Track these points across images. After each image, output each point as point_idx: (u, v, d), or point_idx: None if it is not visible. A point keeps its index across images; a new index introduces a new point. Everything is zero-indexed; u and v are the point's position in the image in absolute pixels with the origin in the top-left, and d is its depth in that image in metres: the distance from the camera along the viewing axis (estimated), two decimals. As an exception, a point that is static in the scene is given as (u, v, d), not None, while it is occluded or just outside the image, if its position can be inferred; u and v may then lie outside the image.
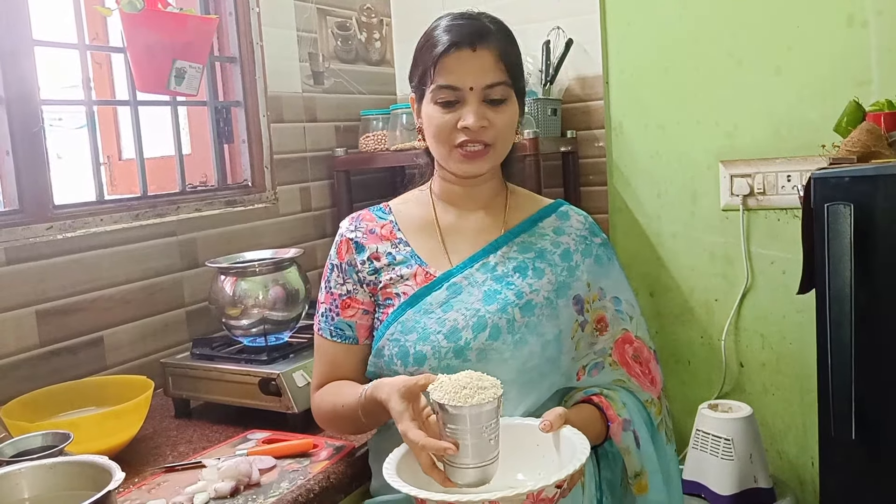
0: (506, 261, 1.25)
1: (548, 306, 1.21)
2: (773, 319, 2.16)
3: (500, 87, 1.20)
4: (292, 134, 2.18)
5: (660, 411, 1.27)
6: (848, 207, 1.47)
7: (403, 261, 1.27)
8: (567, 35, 2.21)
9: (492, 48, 1.19)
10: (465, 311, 1.20)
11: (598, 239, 1.33)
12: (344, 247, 1.30)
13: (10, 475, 1.01)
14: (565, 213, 1.34)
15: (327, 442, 1.39)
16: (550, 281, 1.23)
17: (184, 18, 1.75)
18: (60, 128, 2.69)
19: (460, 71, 1.18)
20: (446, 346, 1.18)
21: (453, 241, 1.28)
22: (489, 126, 1.20)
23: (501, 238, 1.27)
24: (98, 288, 1.67)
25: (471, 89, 1.18)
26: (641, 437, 1.22)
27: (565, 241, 1.29)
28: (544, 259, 1.25)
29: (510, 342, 1.18)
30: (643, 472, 1.21)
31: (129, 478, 1.28)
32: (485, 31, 1.20)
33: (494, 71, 1.19)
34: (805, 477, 2.19)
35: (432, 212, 1.31)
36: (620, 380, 1.26)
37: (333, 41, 2.33)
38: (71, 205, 1.67)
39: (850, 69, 1.98)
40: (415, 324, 1.20)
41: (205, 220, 1.91)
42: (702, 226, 2.23)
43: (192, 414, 1.61)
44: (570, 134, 2.29)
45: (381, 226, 1.31)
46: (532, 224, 1.30)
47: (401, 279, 1.25)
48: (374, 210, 1.35)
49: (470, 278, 1.23)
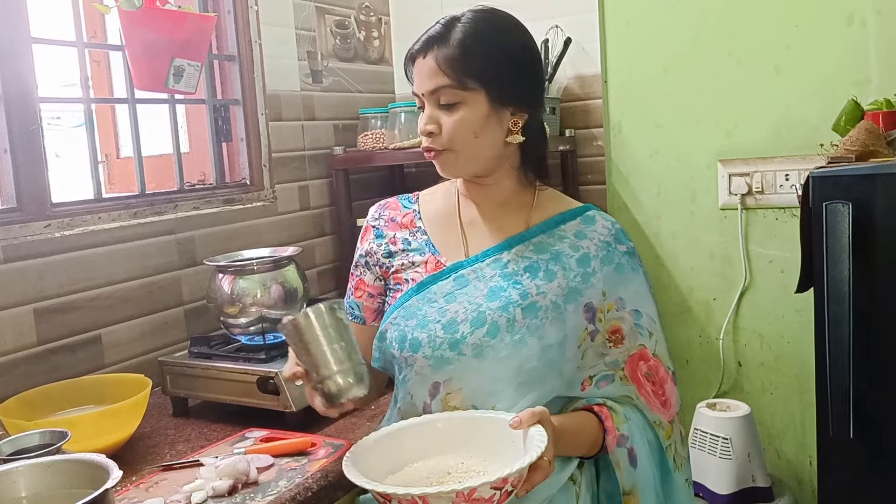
0: (519, 259, 1.23)
1: (554, 310, 1.19)
2: (772, 318, 2.17)
3: (445, 91, 1.18)
4: (291, 132, 2.18)
5: (669, 435, 1.23)
6: (846, 206, 1.46)
7: (418, 248, 1.29)
8: (566, 34, 2.21)
9: (436, 54, 1.18)
10: (467, 305, 1.20)
11: (624, 247, 1.27)
12: (366, 234, 1.35)
13: (7, 473, 1.00)
14: (591, 218, 1.29)
15: (325, 440, 1.39)
16: (561, 285, 1.20)
17: (182, 16, 1.75)
18: (58, 126, 2.69)
19: (417, 78, 1.22)
20: (442, 337, 1.18)
21: (474, 234, 1.28)
22: (438, 131, 1.20)
23: (517, 236, 1.25)
24: (96, 286, 1.67)
25: (422, 95, 1.21)
26: (640, 457, 1.18)
27: (585, 246, 1.24)
28: (559, 262, 1.22)
29: (508, 341, 1.17)
30: (634, 492, 1.18)
31: (127, 476, 1.28)
32: (436, 36, 1.19)
33: (435, 76, 1.18)
34: (803, 476, 2.19)
35: (456, 204, 1.32)
36: (628, 396, 1.22)
37: (332, 39, 2.33)
38: (69, 203, 1.66)
39: (848, 68, 1.98)
40: (416, 310, 1.22)
41: (203, 218, 1.91)
42: (700, 225, 2.23)
43: (190, 412, 1.61)
44: (568, 133, 2.29)
45: (404, 215, 1.34)
46: (554, 225, 1.27)
47: (412, 265, 1.27)
48: (402, 199, 1.37)
49: (479, 272, 1.23)
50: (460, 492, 0.91)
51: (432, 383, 1.19)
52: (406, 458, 1.11)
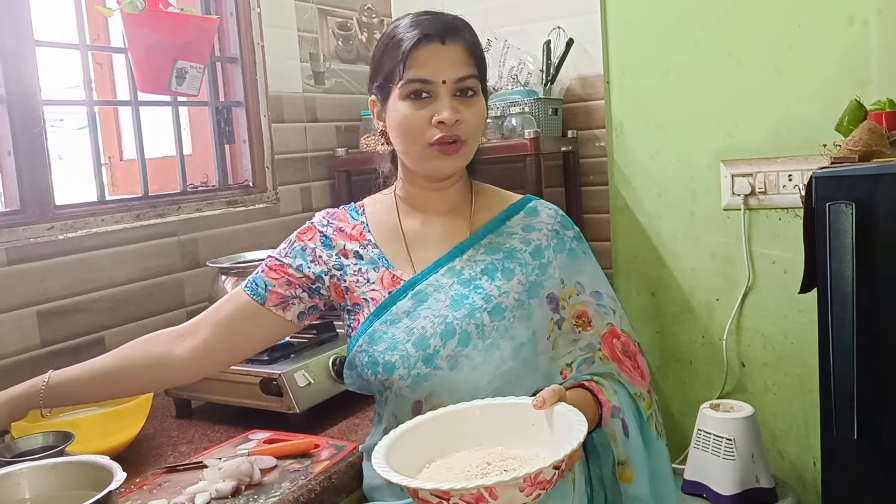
0: (473, 264, 1.22)
1: (519, 308, 1.18)
2: (775, 319, 2.16)
3: (471, 80, 1.18)
4: (293, 134, 2.18)
5: (649, 405, 1.24)
6: (849, 206, 1.46)
7: (371, 262, 1.24)
8: (568, 35, 2.20)
9: (462, 41, 1.18)
10: (432, 319, 1.17)
11: (571, 232, 1.28)
12: (308, 233, 1.28)
13: (11, 475, 1.01)
14: (534, 209, 1.29)
15: (329, 442, 1.39)
16: (521, 282, 1.20)
17: (185, 19, 1.76)
18: (62, 128, 2.69)
19: (432, 64, 1.15)
20: (415, 355, 1.15)
21: (418, 247, 1.25)
22: (462, 120, 1.17)
23: (467, 241, 1.24)
24: (99, 288, 1.68)
25: (443, 83, 1.16)
26: (630, 428, 1.19)
27: (536, 238, 1.25)
28: (514, 259, 1.22)
29: (481, 348, 1.16)
30: (628, 462, 1.18)
31: (131, 478, 1.28)
32: (453, 24, 1.19)
33: (467, 64, 1.18)
34: (807, 477, 2.18)
35: (397, 218, 1.28)
36: (610, 373, 1.22)
37: (334, 41, 2.33)
38: (72, 205, 1.67)
39: (850, 68, 1.97)
40: (382, 334, 1.18)
41: (206, 220, 1.91)
42: (703, 225, 2.23)
43: (193, 414, 1.61)
44: (570, 134, 2.29)
45: (353, 226, 1.29)
46: (499, 223, 1.26)
47: (367, 282, 1.23)
48: (349, 209, 1.32)
49: (435, 284, 1.20)
50: (528, 476, 0.90)
51: (413, 402, 1.16)
52: (426, 458, 1.05)
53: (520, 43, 2.26)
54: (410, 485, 0.93)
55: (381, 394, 1.22)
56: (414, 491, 0.93)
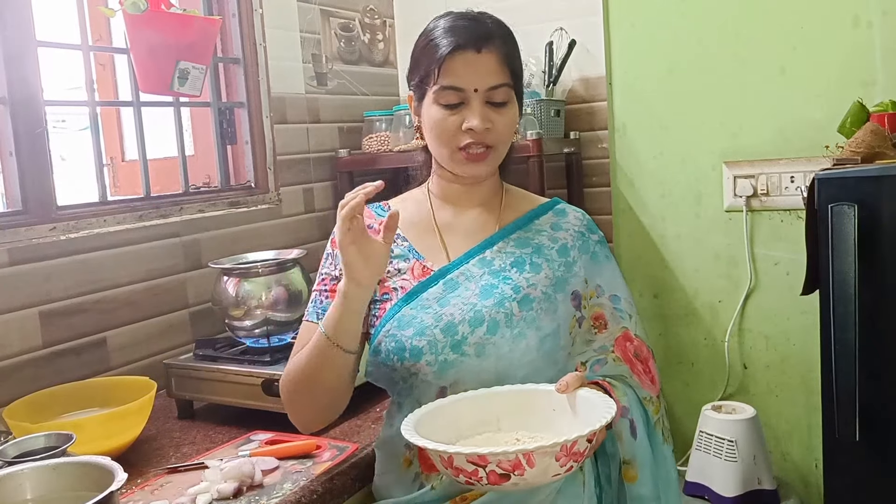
0: (503, 255, 1.25)
1: (546, 301, 1.22)
2: (778, 320, 2.16)
3: (503, 90, 1.21)
4: (295, 135, 2.18)
5: (657, 410, 1.27)
6: (852, 208, 1.46)
7: (401, 255, 1.28)
8: (570, 36, 2.20)
9: (496, 50, 1.21)
10: (461, 306, 1.20)
11: (595, 236, 1.33)
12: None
13: (13, 476, 1.01)
14: (562, 210, 1.34)
15: (330, 443, 1.39)
16: (548, 276, 1.24)
17: (187, 19, 1.75)
18: (64, 129, 2.70)
19: (465, 73, 1.19)
20: (443, 341, 1.18)
21: (450, 237, 1.29)
22: (492, 128, 1.21)
23: (497, 234, 1.28)
24: (101, 289, 1.68)
25: (475, 91, 1.19)
26: (638, 430, 1.21)
27: (563, 237, 1.29)
28: (541, 254, 1.26)
29: (509, 337, 1.19)
30: (632, 462, 1.20)
31: (132, 479, 1.28)
32: (489, 32, 1.21)
33: (498, 73, 1.20)
34: (809, 479, 2.18)
35: (430, 209, 1.32)
36: (622, 375, 1.25)
37: (336, 42, 2.33)
38: (74, 206, 1.67)
39: (854, 70, 1.97)
40: (411, 319, 1.20)
41: (208, 221, 1.91)
42: (705, 227, 2.22)
43: (195, 415, 1.61)
44: (573, 135, 2.29)
45: (380, 222, 1.28)
46: (528, 221, 1.31)
47: (398, 273, 1.26)
48: (374, 207, 1.35)
49: (466, 273, 1.24)
50: (565, 445, 0.94)
51: (438, 389, 1.19)
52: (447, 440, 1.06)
53: (522, 44, 2.24)
54: (448, 450, 0.95)
55: (405, 381, 1.22)
56: (449, 460, 0.95)
